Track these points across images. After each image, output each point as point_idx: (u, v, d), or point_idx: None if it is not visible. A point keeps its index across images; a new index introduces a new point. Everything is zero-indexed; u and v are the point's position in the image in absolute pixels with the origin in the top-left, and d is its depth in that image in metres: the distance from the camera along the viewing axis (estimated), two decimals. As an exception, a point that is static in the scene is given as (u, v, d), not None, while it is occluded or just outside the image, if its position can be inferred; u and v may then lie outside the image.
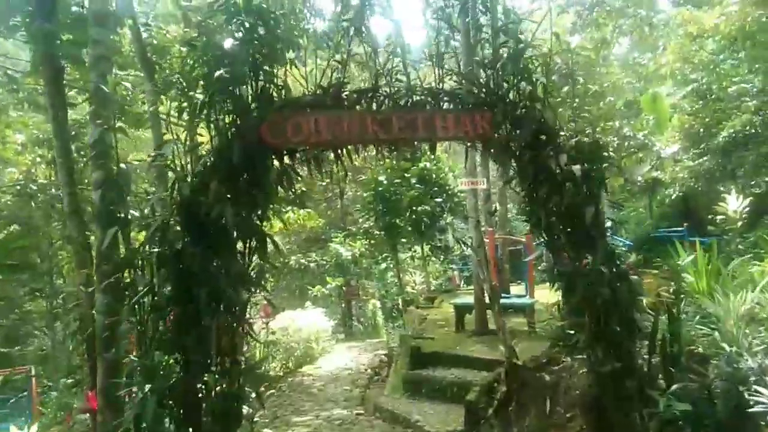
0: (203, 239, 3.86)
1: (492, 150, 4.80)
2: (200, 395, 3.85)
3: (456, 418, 6.81)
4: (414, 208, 14.12)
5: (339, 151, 4.44)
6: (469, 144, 4.85)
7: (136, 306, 3.84)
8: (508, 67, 4.69)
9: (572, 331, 5.00)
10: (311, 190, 20.20)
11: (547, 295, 6.27)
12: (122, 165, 4.13)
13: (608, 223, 5.06)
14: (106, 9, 5.67)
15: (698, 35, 14.82)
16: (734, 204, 9.30)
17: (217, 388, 3.90)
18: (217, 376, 3.89)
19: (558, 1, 16.68)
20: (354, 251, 18.51)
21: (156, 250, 3.83)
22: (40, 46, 6.74)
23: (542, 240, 5.00)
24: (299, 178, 4.62)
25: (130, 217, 4.30)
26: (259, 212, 4.24)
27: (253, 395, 4.09)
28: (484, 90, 4.70)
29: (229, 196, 4.02)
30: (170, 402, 3.71)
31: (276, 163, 4.27)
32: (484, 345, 8.67)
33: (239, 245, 4.18)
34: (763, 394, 4.16)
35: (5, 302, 16.38)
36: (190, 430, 3.76)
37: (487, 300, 9.32)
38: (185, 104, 4.12)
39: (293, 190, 4.40)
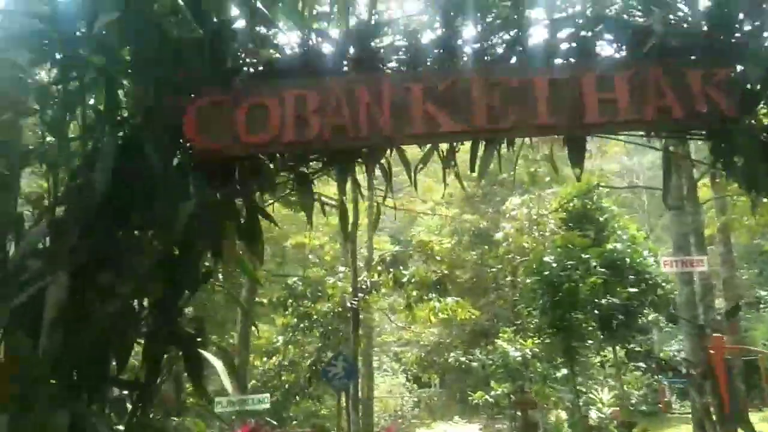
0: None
1: (741, 157, 1.92)
2: None
3: None
4: (597, 300, 10.71)
5: (351, 162, 2.02)
6: (671, 142, 2.10)
7: None
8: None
9: None
10: (472, 276, 17.59)
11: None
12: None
13: None
14: None
15: None
16: None
17: None
18: None
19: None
20: (525, 351, 15.27)
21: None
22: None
23: None
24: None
25: None
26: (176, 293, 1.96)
27: None
28: (712, 22, 1.97)
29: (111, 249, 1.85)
30: None
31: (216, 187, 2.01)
32: None
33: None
34: None
35: None
36: None
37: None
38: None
39: (257, 247, 2.06)
